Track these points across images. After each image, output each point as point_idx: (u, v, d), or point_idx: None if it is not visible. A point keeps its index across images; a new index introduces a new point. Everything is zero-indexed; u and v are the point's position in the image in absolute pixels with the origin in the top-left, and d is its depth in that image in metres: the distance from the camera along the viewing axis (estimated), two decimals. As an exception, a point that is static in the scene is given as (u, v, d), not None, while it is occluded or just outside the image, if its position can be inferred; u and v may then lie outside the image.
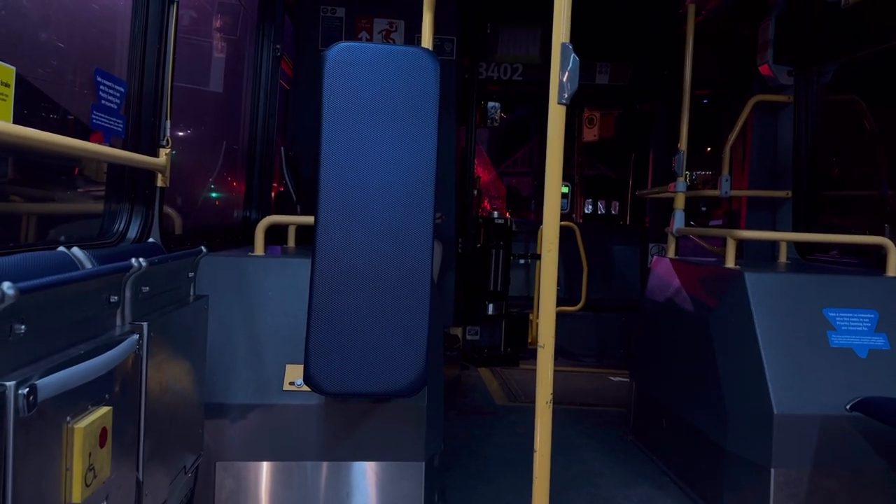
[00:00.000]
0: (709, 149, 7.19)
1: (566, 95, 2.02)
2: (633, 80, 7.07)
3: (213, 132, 4.92)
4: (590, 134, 8.83)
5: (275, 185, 5.09)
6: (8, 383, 1.30)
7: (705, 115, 6.54)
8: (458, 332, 6.27)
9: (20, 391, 1.32)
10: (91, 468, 1.60)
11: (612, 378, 6.35)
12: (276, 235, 4.06)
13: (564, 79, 2.03)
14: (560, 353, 7.05)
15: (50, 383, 1.41)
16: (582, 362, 6.98)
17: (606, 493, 3.76)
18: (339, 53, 2.51)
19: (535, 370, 2.27)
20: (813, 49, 4.62)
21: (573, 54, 2.02)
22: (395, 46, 3.31)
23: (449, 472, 3.86)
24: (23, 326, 1.40)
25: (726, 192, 4.80)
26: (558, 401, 5.47)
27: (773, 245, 4.67)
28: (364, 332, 2.49)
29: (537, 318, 6.92)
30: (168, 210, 3.88)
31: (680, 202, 4.47)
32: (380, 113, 2.48)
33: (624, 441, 4.62)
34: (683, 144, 4.44)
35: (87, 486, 1.58)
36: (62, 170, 2.86)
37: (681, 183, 4.46)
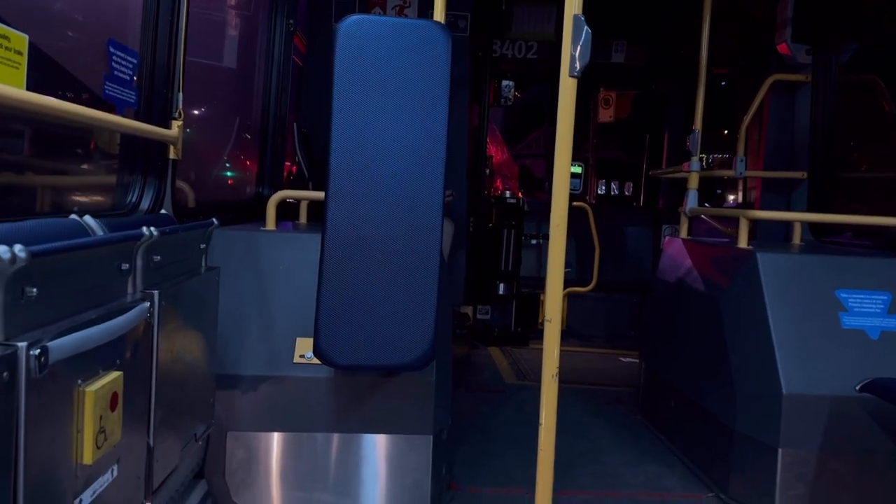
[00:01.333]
0: (726, 132, 7.11)
1: (578, 68, 2.00)
2: (650, 59, 6.99)
3: (225, 108, 4.93)
4: (605, 115, 8.75)
5: (289, 164, 5.10)
6: (20, 344, 1.32)
7: (723, 97, 6.46)
8: (468, 310, 6.29)
9: (32, 352, 1.34)
10: (102, 431, 1.63)
11: (623, 359, 6.36)
12: (288, 212, 4.08)
13: (576, 52, 2.01)
14: (571, 334, 7.06)
15: (61, 345, 1.43)
16: (592, 343, 6.99)
17: (612, 471, 3.78)
18: (351, 26, 2.50)
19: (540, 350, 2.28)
20: (832, 28, 4.55)
21: (585, 26, 2.00)
22: (406, 20, 3.29)
23: (457, 447, 3.89)
24: (34, 290, 1.42)
25: (741, 173, 4.76)
26: (567, 380, 5.50)
27: (788, 227, 4.63)
28: (373, 306, 2.50)
29: (548, 298, 6.92)
30: (181, 184, 3.90)
31: (694, 182, 4.43)
32: (390, 86, 2.47)
33: (632, 420, 4.63)
34: (698, 124, 4.40)
35: (98, 448, 1.61)
36: (76, 141, 2.88)
37: (695, 162, 4.42)
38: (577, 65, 1.99)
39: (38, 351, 1.35)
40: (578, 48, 1.99)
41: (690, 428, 3.87)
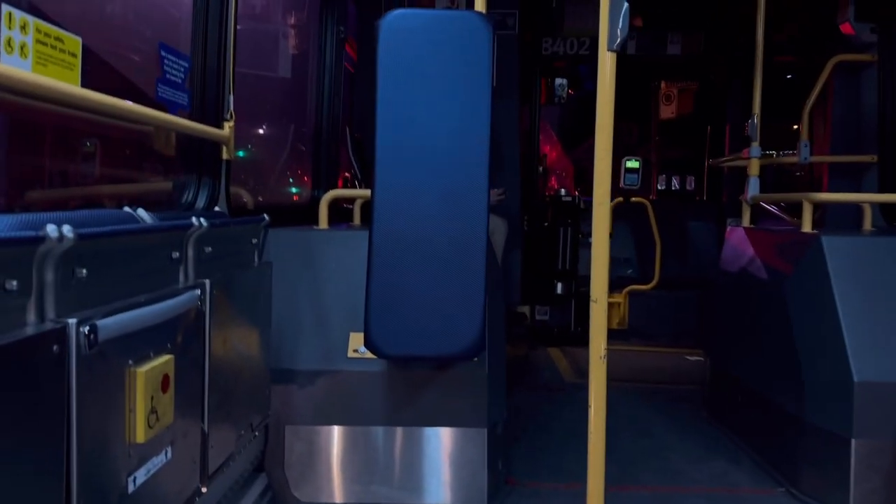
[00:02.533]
0: (795, 126, 6.87)
1: (617, 42, 1.97)
2: (707, 49, 6.82)
3: (280, 116, 5.06)
4: (667, 111, 8.54)
5: (347, 175, 5.19)
6: (70, 321, 1.37)
7: (790, 89, 6.23)
8: (525, 310, 6.24)
9: (82, 329, 1.39)
10: (154, 412, 1.68)
11: (689, 357, 6.17)
12: (343, 216, 4.14)
13: (617, 26, 1.98)
14: (635, 334, 6.91)
15: (111, 324, 1.48)
16: (656, 342, 6.82)
17: (677, 467, 3.67)
18: (394, 21, 2.53)
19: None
20: (899, 3, 4.34)
21: (624, 0, 1.97)
22: (448, 11, 3.31)
23: (516, 444, 3.85)
24: (84, 270, 1.48)
25: (806, 158, 4.57)
26: (630, 379, 5.40)
27: (858, 215, 4.42)
28: (421, 297, 2.52)
29: (611, 297, 6.81)
30: (239, 190, 4.00)
31: (754, 168, 4.29)
32: (433, 78, 2.49)
33: (697, 417, 4.49)
34: (757, 108, 4.25)
35: (150, 427, 1.66)
36: (137, 147, 3.01)
37: (755, 148, 4.28)
38: (617, 38, 1.96)
39: (87, 328, 1.41)
40: (617, 21, 1.95)
41: (757, 422, 3.73)
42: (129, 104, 1.95)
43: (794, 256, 3.51)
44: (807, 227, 3.51)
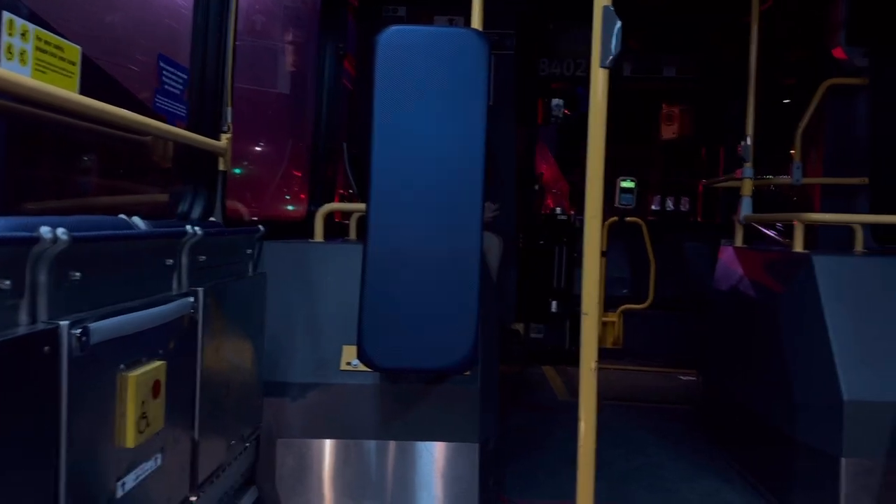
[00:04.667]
0: (793, 151, 6.91)
1: (609, 59, 2.00)
2: (702, 71, 6.90)
3: (277, 131, 5.09)
4: (669, 131, 8.57)
5: (342, 191, 5.22)
6: (62, 323, 1.38)
7: (788, 115, 6.29)
8: (519, 328, 6.24)
9: (73, 331, 1.40)
10: (144, 417, 1.68)
11: (682, 377, 6.18)
12: (339, 231, 4.16)
13: (609, 43, 2.02)
14: (629, 354, 6.91)
15: (102, 327, 1.49)
16: (651, 362, 6.82)
17: (669, 486, 3.66)
18: (391, 36, 2.57)
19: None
20: (891, 27, 4.41)
21: (616, 18, 2.00)
22: (444, 28, 3.35)
23: (509, 462, 3.84)
24: (77, 274, 1.49)
25: (798, 180, 4.62)
26: (624, 398, 5.39)
27: (849, 237, 4.45)
28: (414, 309, 2.53)
29: (605, 316, 6.82)
30: (236, 204, 4.02)
31: (747, 189, 4.33)
32: (429, 94, 2.52)
33: (690, 437, 4.48)
34: (750, 130, 4.30)
35: (141, 433, 1.66)
36: (134, 157, 3.03)
37: (748, 169, 4.32)
38: (609, 55, 1.99)
39: (79, 330, 1.42)
40: (610, 38, 1.99)
41: (749, 441, 3.73)
42: (127, 113, 1.98)
43: (785, 276, 3.53)
44: (798, 247, 3.53)
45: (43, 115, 2.07)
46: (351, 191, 4.98)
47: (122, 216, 1.98)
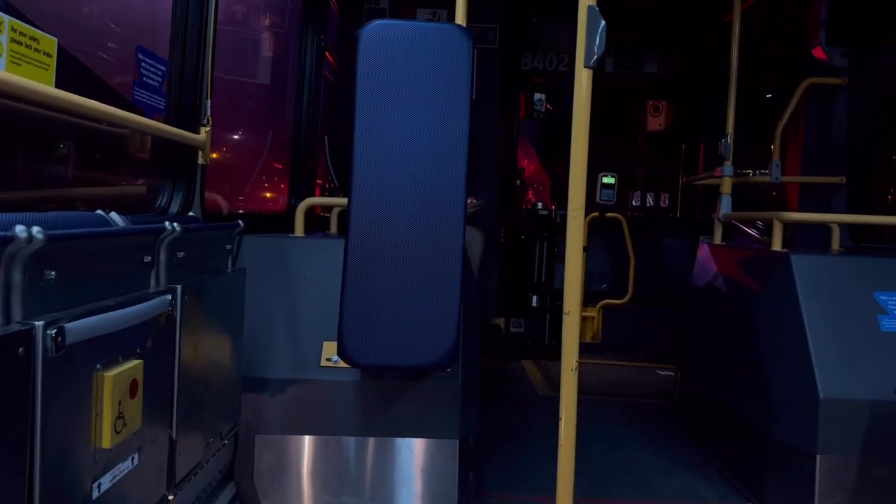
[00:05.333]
0: (773, 147, 6.97)
1: (594, 59, 2.00)
2: (686, 69, 6.92)
3: (257, 122, 5.04)
4: (655, 123, 8.55)
5: (322, 182, 5.17)
6: (37, 323, 1.35)
7: (771, 111, 6.33)
8: (500, 322, 6.25)
9: (48, 332, 1.37)
10: (121, 417, 1.65)
11: (660, 372, 6.23)
12: (320, 225, 4.13)
13: (592, 43, 2.01)
14: (608, 348, 6.95)
15: (78, 327, 1.46)
16: (630, 356, 6.87)
17: (647, 480, 3.69)
18: (374, 31, 2.54)
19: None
20: (869, 29, 4.45)
21: (601, 17, 2.00)
22: (428, 23, 3.33)
23: (489, 457, 3.85)
24: (53, 273, 1.46)
25: (777, 178, 4.66)
26: (603, 392, 5.42)
27: (826, 235, 4.51)
28: (396, 305, 2.51)
29: (584, 311, 6.84)
30: (215, 195, 3.97)
31: (727, 186, 4.36)
32: (413, 89, 2.50)
33: (668, 431, 4.53)
34: (730, 128, 4.33)
35: (118, 433, 1.64)
36: (111, 150, 2.98)
37: (727, 167, 4.35)
38: (594, 55, 1.99)
39: (54, 331, 1.39)
40: (594, 38, 1.98)
41: (727, 437, 3.77)
42: (104, 106, 1.94)
43: (763, 274, 3.57)
44: (776, 245, 3.57)
45: (16, 106, 2.02)
46: (331, 185, 4.95)
47: (100, 211, 1.95)
